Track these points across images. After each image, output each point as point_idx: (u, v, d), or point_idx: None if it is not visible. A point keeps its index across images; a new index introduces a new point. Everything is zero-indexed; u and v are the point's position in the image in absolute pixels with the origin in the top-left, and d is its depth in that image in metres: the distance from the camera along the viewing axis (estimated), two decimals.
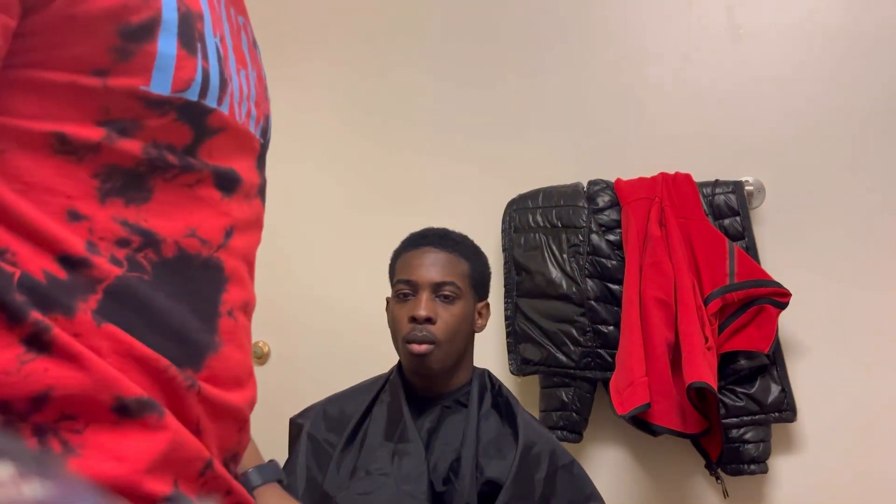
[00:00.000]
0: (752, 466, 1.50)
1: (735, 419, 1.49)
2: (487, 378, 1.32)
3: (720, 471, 1.53)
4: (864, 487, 1.53)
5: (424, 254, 1.29)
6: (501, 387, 1.31)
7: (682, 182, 1.58)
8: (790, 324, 1.54)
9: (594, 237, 1.60)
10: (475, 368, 1.33)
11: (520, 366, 1.63)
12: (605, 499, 1.26)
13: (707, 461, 1.53)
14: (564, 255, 1.60)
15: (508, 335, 1.66)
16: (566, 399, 1.59)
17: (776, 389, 1.50)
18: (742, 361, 1.50)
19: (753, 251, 1.54)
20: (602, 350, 1.57)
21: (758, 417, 1.50)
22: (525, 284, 1.63)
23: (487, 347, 1.64)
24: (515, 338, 1.64)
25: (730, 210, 1.56)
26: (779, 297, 1.46)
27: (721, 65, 1.68)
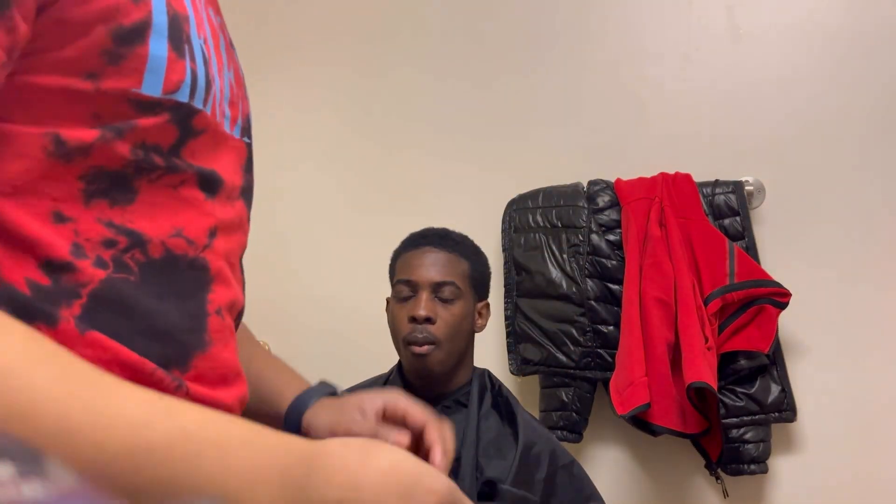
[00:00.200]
0: (752, 466, 1.50)
1: (735, 419, 1.49)
2: (487, 378, 1.32)
3: (720, 471, 1.53)
4: (864, 487, 1.53)
5: (424, 254, 1.29)
6: (501, 387, 1.31)
7: (682, 182, 1.58)
8: (790, 324, 1.54)
9: (594, 237, 1.60)
10: (475, 368, 1.33)
11: (520, 366, 1.63)
12: (605, 499, 1.26)
13: (707, 461, 1.53)
14: (564, 255, 1.60)
15: (508, 335, 1.66)
16: (566, 399, 1.59)
17: (776, 389, 1.50)
18: (742, 361, 1.50)
19: (753, 251, 1.54)
20: (602, 350, 1.57)
21: (758, 417, 1.50)
22: (525, 284, 1.63)
23: (487, 347, 1.64)
24: (515, 338, 1.64)
25: (730, 210, 1.56)
26: (779, 297, 1.46)
27: (721, 65, 1.68)
